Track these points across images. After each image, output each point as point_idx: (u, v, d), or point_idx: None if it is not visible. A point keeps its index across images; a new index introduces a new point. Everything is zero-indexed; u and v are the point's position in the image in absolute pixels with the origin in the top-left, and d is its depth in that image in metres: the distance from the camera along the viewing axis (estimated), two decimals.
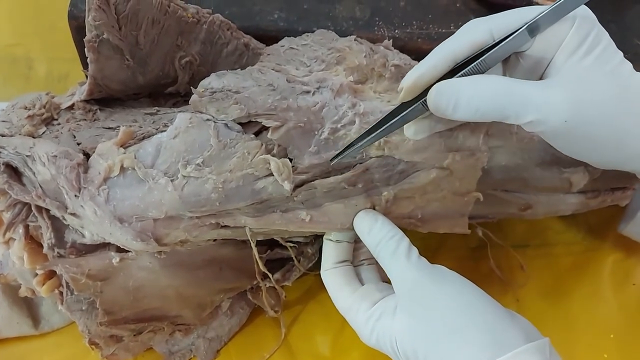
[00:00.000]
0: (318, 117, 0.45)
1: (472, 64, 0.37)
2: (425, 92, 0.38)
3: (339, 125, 0.45)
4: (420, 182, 0.47)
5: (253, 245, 0.48)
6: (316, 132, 0.45)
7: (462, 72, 0.37)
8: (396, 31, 0.55)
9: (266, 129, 0.44)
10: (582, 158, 0.38)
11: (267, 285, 0.53)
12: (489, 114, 0.36)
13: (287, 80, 0.45)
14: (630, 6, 0.58)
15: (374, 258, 0.47)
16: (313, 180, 0.45)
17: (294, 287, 0.56)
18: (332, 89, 0.45)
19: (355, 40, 0.50)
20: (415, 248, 0.43)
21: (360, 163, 0.45)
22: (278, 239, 0.51)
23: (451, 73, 0.38)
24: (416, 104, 0.39)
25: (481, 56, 0.37)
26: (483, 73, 0.37)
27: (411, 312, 0.41)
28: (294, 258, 0.53)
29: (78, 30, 0.54)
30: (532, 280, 0.60)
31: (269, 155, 0.43)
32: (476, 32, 0.37)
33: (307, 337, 0.56)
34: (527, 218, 0.56)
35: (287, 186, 0.43)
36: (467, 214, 0.49)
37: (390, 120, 0.40)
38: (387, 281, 0.48)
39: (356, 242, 0.48)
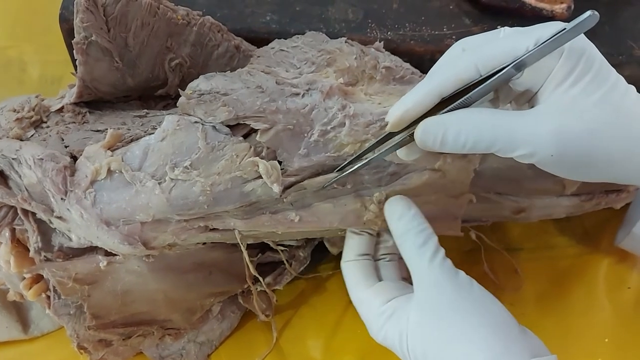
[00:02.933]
0: (307, 119, 0.44)
1: (458, 101, 0.37)
2: (413, 123, 0.38)
3: (328, 128, 0.44)
4: (413, 183, 0.46)
5: (243, 248, 0.47)
6: (305, 135, 0.44)
7: (448, 108, 0.37)
8: (389, 33, 0.55)
9: (255, 131, 0.44)
10: (575, 179, 0.38)
11: (258, 289, 0.53)
12: (476, 147, 0.36)
13: (276, 83, 0.45)
14: (623, 8, 0.57)
15: (394, 254, 0.48)
16: (302, 182, 0.45)
17: (285, 291, 0.56)
18: (321, 91, 0.45)
19: (346, 42, 0.50)
20: (443, 249, 0.43)
21: None
22: (269, 243, 0.51)
23: (438, 105, 0.38)
24: (404, 135, 0.39)
25: (467, 91, 0.37)
26: (469, 106, 0.37)
27: (427, 311, 0.41)
28: (285, 262, 0.52)
29: (69, 32, 0.53)
30: (526, 283, 0.60)
31: (257, 157, 0.43)
32: (462, 68, 0.37)
33: (299, 341, 0.56)
34: (521, 221, 0.56)
35: (276, 189, 0.43)
36: (460, 216, 0.49)
37: (380, 146, 0.42)
38: (405, 279, 0.48)
39: (378, 235, 0.48)
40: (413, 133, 0.38)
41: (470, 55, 0.37)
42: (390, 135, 0.41)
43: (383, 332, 0.44)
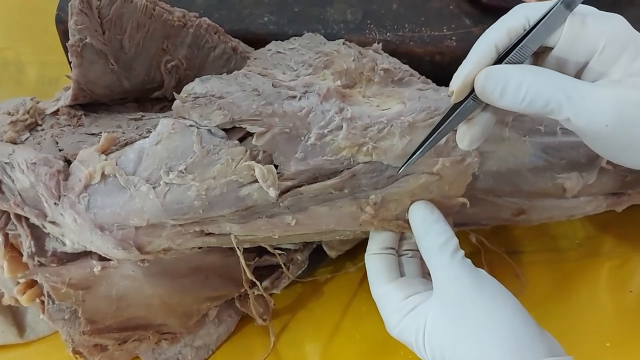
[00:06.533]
0: (304, 122, 0.44)
1: (515, 50, 0.36)
2: (472, 91, 0.38)
3: (325, 131, 0.44)
4: (410, 186, 0.46)
5: (239, 252, 0.47)
6: (302, 138, 0.44)
7: (507, 59, 0.37)
8: (388, 34, 0.54)
9: (251, 134, 0.44)
10: (618, 161, 0.38)
11: (256, 293, 0.52)
12: (533, 104, 0.35)
13: (272, 85, 0.44)
14: (626, 9, 0.57)
15: (416, 251, 0.48)
16: (299, 187, 0.44)
17: (283, 295, 0.56)
18: (318, 93, 0.45)
19: (343, 43, 0.49)
20: (463, 250, 0.43)
21: (348, 169, 0.45)
22: (266, 247, 0.50)
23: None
24: (466, 100, 0.38)
25: (521, 42, 0.36)
26: (523, 61, 0.37)
27: (447, 306, 0.41)
28: (283, 265, 0.52)
29: (65, 34, 0.53)
30: (527, 287, 0.59)
31: (253, 161, 0.43)
32: (511, 18, 0.37)
33: (297, 345, 0.55)
34: (521, 224, 0.55)
35: (273, 193, 0.43)
36: (451, 214, 0.48)
37: (445, 122, 0.40)
38: (426, 277, 0.48)
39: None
40: (475, 95, 0.37)
41: (519, 7, 0.37)
42: (454, 109, 0.39)
43: (400, 326, 0.44)
